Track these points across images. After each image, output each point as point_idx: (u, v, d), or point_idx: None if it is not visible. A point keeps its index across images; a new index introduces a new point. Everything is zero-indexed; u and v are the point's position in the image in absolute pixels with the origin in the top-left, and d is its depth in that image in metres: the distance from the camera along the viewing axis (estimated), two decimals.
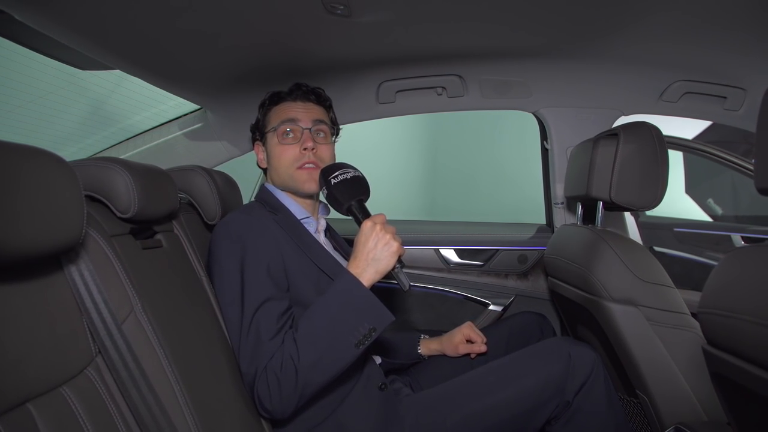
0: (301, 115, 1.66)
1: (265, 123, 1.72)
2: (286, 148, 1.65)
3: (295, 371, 1.32)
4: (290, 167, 1.64)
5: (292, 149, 1.64)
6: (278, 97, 1.72)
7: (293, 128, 1.65)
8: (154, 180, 1.32)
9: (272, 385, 1.34)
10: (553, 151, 2.34)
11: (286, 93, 1.71)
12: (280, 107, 1.70)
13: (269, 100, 1.73)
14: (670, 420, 1.63)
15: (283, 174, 1.66)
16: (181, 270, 1.44)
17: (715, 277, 0.99)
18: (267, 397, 1.35)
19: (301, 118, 1.66)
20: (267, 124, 1.71)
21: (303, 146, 1.63)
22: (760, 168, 0.93)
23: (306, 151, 1.63)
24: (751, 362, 0.86)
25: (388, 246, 1.41)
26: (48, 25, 1.36)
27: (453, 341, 1.90)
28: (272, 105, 1.72)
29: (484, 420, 1.52)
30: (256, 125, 1.76)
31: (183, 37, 1.53)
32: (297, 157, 1.64)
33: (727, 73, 2.12)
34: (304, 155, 1.63)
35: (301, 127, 1.65)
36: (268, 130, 1.69)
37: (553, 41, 1.91)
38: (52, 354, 0.93)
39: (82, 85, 2.24)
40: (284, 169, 1.65)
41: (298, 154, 1.64)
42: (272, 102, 1.72)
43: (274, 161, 1.68)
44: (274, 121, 1.68)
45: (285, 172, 1.65)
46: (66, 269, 1.03)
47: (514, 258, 2.46)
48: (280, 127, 1.65)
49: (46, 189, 0.87)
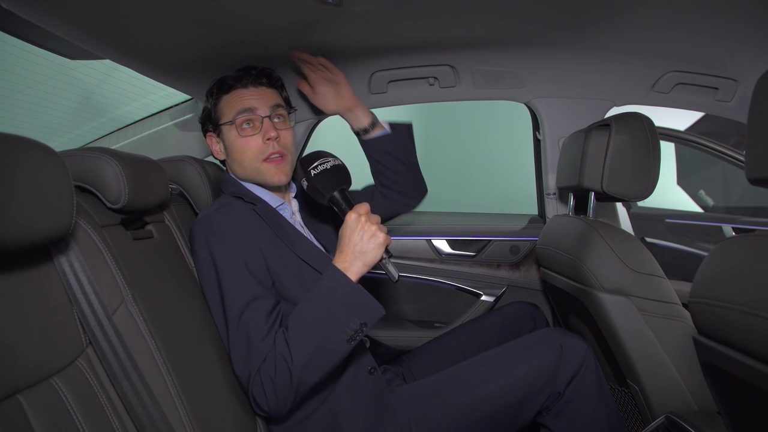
0: (257, 103, 1.60)
1: (219, 114, 1.64)
2: (247, 141, 1.59)
3: (289, 372, 1.32)
4: (255, 160, 1.59)
5: (254, 140, 1.59)
6: (227, 84, 1.64)
7: (252, 118, 1.59)
8: (144, 170, 1.31)
9: (267, 387, 1.33)
10: (545, 142, 2.34)
11: (234, 79, 1.64)
12: (232, 96, 1.62)
13: (217, 89, 1.65)
14: (661, 409, 1.63)
15: (248, 167, 1.61)
16: (172, 260, 1.44)
17: (705, 267, 0.99)
18: (263, 399, 1.34)
19: (258, 106, 1.60)
20: (221, 116, 1.63)
21: (266, 137, 1.58)
22: (750, 158, 0.93)
23: (270, 141, 1.58)
24: (741, 351, 0.87)
25: (374, 238, 1.39)
26: (36, 14, 1.34)
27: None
28: (222, 93, 1.64)
29: (476, 411, 1.52)
30: (206, 116, 1.67)
31: (172, 26, 1.52)
32: (261, 149, 1.59)
33: (719, 64, 2.12)
34: (268, 145, 1.58)
35: (259, 116, 1.59)
36: (223, 122, 1.62)
37: (545, 31, 1.91)
38: (42, 345, 0.92)
39: (72, 75, 2.22)
40: (249, 163, 1.60)
41: (261, 145, 1.58)
42: (221, 90, 1.64)
43: (236, 155, 1.61)
44: (229, 113, 1.61)
45: (250, 165, 1.60)
46: (56, 260, 1.02)
47: (506, 248, 2.46)
48: (237, 119, 1.59)
49: (34, 179, 0.86)
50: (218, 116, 1.64)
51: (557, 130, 2.31)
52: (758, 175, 0.91)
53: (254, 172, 1.61)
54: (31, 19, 1.36)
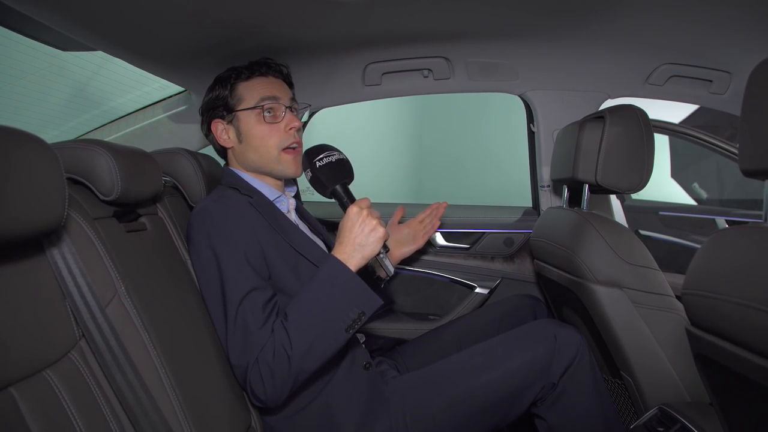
0: (279, 93, 1.62)
1: (236, 100, 1.62)
2: (270, 128, 1.59)
3: (288, 360, 1.32)
4: (275, 148, 1.60)
5: (277, 128, 1.59)
6: (246, 72, 1.64)
7: (275, 106, 1.60)
8: (137, 162, 1.31)
9: (265, 376, 1.33)
10: (540, 134, 2.34)
11: (250, 69, 1.64)
12: (254, 83, 1.62)
13: (235, 75, 1.63)
14: (654, 401, 1.64)
15: (265, 156, 1.61)
16: (166, 253, 1.43)
17: (698, 259, 0.99)
18: (260, 388, 1.34)
19: (281, 96, 1.61)
20: (239, 102, 1.61)
21: (289, 126, 1.59)
22: (744, 150, 0.93)
23: (292, 131, 1.59)
24: (733, 342, 0.87)
25: (374, 231, 1.42)
26: (26, 5, 1.33)
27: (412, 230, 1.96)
28: (240, 80, 1.63)
29: (470, 402, 1.52)
30: (220, 101, 1.64)
31: (166, 18, 1.51)
32: (283, 138, 1.60)
33: (713, 57, 2.12)
34: (290, 135, 1.60)
35: (282, 105, 1.61)
36: (242, 108, 1.61)
37: (539, 20, 1.90)
38: (35, 338, 0.92)
39: (65, 66, 2.21)
40: (267, 150, 1.60)
41: (283, 134, 1.59)
42: (240, 77, 1.63)
43: (255, 141, 1.60)
44: (251, 99, 1.60)
45: (268, 153, 1.60)
46: (48, 252, 1.02)
47: (501, 241, 2.46)
48: (262, 105, 1.59)
49: (26, 171, 0.85)
50: (235, 102, 1.62)
51: (551, 122, 2.31)
52: (751, 166, 0.92)
53: (272, 161, 1.61)
54: (21, 9, 1.34)
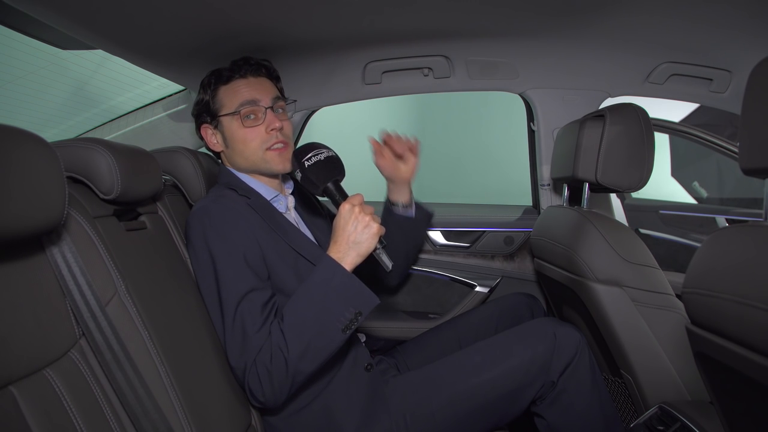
0: (259, 94, 1.60)
1: (218, 106, 1.62)
2: (251, 131, 1.58)
3: (285, 362, 1.32)
4: (259, 150, 1.58)
5: (258, 131, 1.58)
6: (225, 75, 1.62)
7: (255, 110, 1.58)
8: (137, 161, 1.31)
9: (263, 378, 1.33)
10: (540, 133, 2.34)
11: (231, 70, 1.62)
12: (233, 87, 1.61)
13: (215, 80, 1.63)
14: (654, 399, 1.64)
15: (252, 157, 1.60)
16: (165, 252, 1.43)
17: (698, 258, 0.99)
18: (259, 390, 1.35)
19: (260, 98, 1.59)
20: (221, 107, 1.61)
21: (270, 127, 1.58)
22: (744, 149, 0.93)
23: (273, 132, 1.58)
24: (733, 341, 0.87)
25: (368, 228, 1.40)
26: (26, 3, 1.33)
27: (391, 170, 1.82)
28: (220, 84, 1.62)
29: (470, 400, 1.52)
30: (203, 107, 1.65)
31: (165, 16, 1.51)
32: (264, 139, 1.58)
33: (714, 55, 2.12)
34: (272, 135, 1.58)
35: (262, 107, 1.59)
36: (224, 113, 1.61)
37: (539, 18, 1.90)
38: (35, 336, 0.92)
39: (64, 65, 2.21)
40: (252, 152, 1.59)
41: (264, 135, 1.58)
42: (219, 80, 1.62)
43: (238, 146, 1.60)
44: (231, 104, 1.59)
45: (254, 155, 1.59)
46: (48, 251, 1.02)
47: (501, 240, 2.46)
48: (240, 111, 1.58)
49: (26, 170, 0.85)
50: (217, 107, 1.62)
51: (552, 121, 2.31)
52: (751, 165, 0.92)
53: (259, 161, 1.60)
54: (21, 8, 1.34)
